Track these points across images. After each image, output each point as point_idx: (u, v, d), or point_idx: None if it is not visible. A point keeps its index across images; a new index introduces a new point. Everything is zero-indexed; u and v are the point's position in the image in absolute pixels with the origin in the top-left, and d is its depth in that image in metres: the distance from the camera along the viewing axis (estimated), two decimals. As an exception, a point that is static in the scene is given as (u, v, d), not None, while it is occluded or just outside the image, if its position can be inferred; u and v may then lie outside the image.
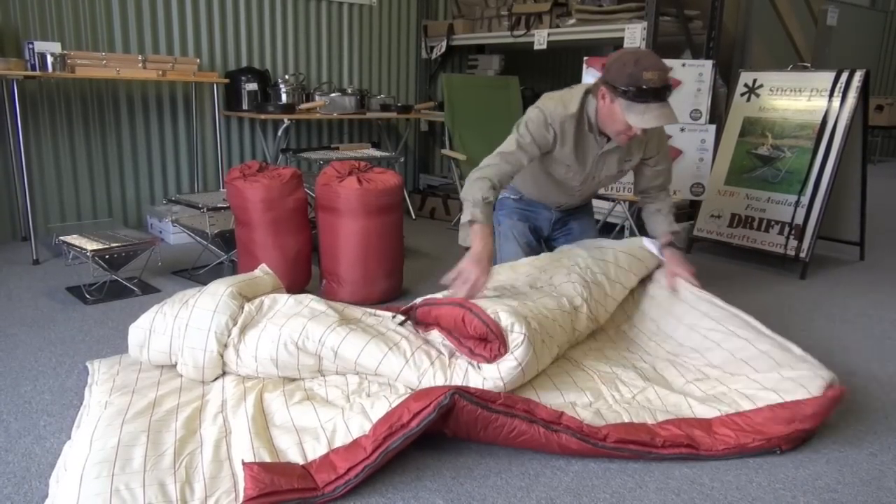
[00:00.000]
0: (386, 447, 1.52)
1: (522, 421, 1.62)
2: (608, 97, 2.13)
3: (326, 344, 1.91)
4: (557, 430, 1.63)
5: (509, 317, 1.85)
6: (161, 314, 2.00)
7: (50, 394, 1.95)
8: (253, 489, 1.41)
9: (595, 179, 2.45)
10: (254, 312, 2.04)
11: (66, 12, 3.63)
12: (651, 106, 2.04)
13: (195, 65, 3.81)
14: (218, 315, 1.96)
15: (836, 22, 5.90)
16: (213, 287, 2.06)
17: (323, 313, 2.02)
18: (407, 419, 1.55)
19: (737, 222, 3.63)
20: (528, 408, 1.66)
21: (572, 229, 2.69)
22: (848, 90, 3.35)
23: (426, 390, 1.64)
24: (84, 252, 2.73)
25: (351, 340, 1.90)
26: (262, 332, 1.95)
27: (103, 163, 3.93)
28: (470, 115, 4.30)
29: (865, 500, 1.56)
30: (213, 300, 1.99)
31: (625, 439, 1.65)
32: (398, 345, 1.91)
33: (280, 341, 1.92)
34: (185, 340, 1.94)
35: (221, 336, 1.95)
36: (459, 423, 1.61)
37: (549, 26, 4.33)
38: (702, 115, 3.50)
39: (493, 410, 1.61)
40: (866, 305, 3.01)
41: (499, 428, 1.62)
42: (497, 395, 1.66)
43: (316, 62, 4.72)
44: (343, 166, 2.79)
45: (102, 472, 1.43)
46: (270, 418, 1.74)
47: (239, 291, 2.07)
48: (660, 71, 2.03)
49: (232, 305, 2.00)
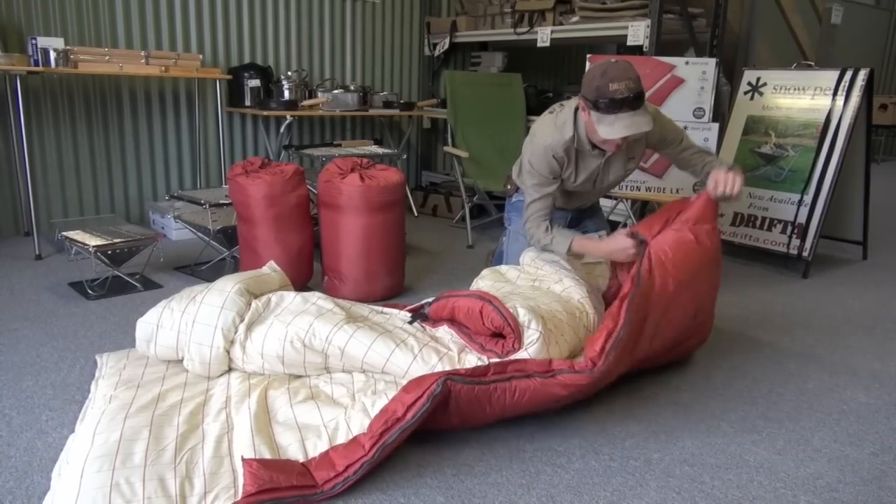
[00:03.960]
0: (382, 442, 1.52)
1: (519, 380, 1.65)
2: (586, 110, 2.15)
3: (333, 342, 1.91)
4: (553, 375, 1.68)
5: (527, 313, 1.87)
6: (168, 310, 2.00)
7: (52, 389, 1.96)
8: (252, 485, 1.42)
9: (604, 184, 2.47)
10: (261, 309, 2.04)
11: (69, 8, 3.63)
12: (620, 116, 2.04)
13: (198, 61, 3.81)
14: (225, 311, 1.97)
15: (840, 20, 5.88)
16: (220, 283, 2.07)
17: (330, 311, 2.02)
18: (402, 412, 1.56)
19: (739, 221, 3.62)
20: (518, 366, 1.70)
21: (587, 226, 2.72)
22: (852, 89, 3.35)
23: (417, 380, 1.64)
24: (86, 248, 2.74)
25: (358, 338, 1.91)
26: (269, 329, 1.95)
27: (106, 158, 3.94)
28: (472, 112, 4.30)
29: (866, 499, 1.56)
30: (220, 296, 2.00)
31: (602, 349, 1.73)
32: (406, 342, 1.91)
33: (287, 339, 1.92)
34: (191, 336, 1.95)
35: (228, 332, 1.95)
36: (462, 408, 1.62)
37: (552, 24, 4.32)
38: (705, 113, 3.49)
39: (488, 382, 1.63)
40: (869, 304, 3.00)
41: (501, 396, 1.64)
42: (486, 368, 1.68)
43: (319, 59, 4.71)
44: (345, 163, 2.79)
45: (104, 466, 1.44)
46: (274, 415, 1.74)
47: (246, 288, 2.07)
48: (627, 80, 2.02)
49: (239, 302, 2.00)
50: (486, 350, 1.87)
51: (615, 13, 3.93)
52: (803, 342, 2.53)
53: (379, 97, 4.72)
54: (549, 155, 2.26)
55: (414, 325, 2.05)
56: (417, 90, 5.29)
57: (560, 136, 2.25)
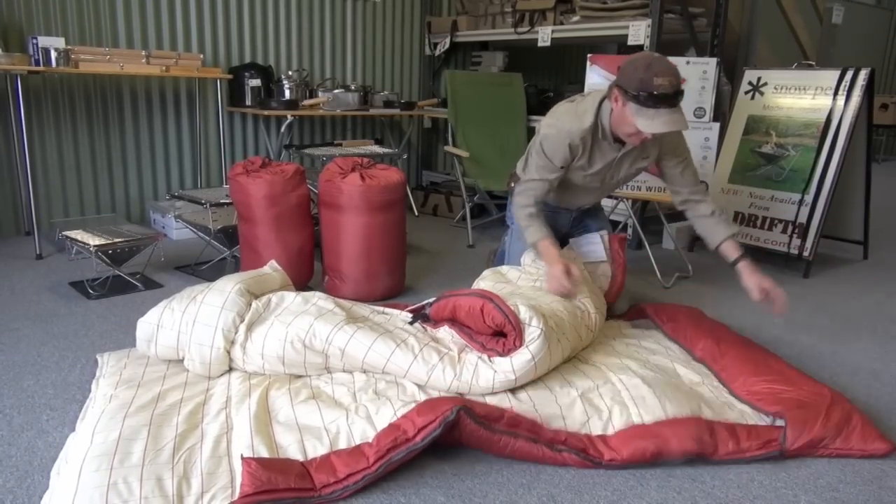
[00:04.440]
0: (388, 459, 1.52)
1: (526, 441, 1.62)
2: (620, 100, 2.15)
3: (334, 343, 1.91)
4: (561, 451, 1.63)
5: (528, 311, 1.86)
6: (169, 309, 2.00)
7: (53, 388, 1.96)
8: (249, 486, 1.41)
9: (613, 180, 2.47)
10: (261, 310, 2.04)
11: (69, 7, 3.63)
12: (661, 111, 2.05)
13: (199, 60, 3.81)
14: (225, 312, 1.97)
15: (841, 20, 5.88)
16: (221, 283, 2.07)
17: (330, 311, 2.02)
18: (412, 434, 1.55)
19: (740, 220, 3.62)
20: (531, 427, 1.65)
21: (589, 226, 2.73)
22: (853, 88, 3.34)
23: (431, 403, 1.63)
24: (87, 247, 2.74)
25: (358, 339, 1.90)
26: (270, 329, 1.95)
27: (106, 158, 3.94)
28: (473, 112, 4.30)
29: (867, 499, 1.56)
30: (220, 297, 2.00)
31: (629, 459, 1.63)
32: (406, 342, 1.91)
33: (287, 339, 1.92)
34: (192, 336, 1.95)
35: (228, 333, 1.95)
36: (463, 437, 1.61)
37: (553, 23, 4.32)
38: (706, 112, 3.49)
39: (496, 431, 1.60)
40: (869, 304, 3.00)
41: (503, 446, 1.61)
42: (501, 413, 1.64)
43: (319, 58, 4.71)
44: (346, 163, 2.79)
45: (102, 465, 1.44)
46: (275, 415, 1.73)
47: (247, 288, 2.07)
48: (671, 77, 2.04)
49: (239, 302, 2.00)
50: (486, 349, 1.86)
51: (616, 13, 3.93)
52: (804, 342, 2.53)
53: (379, 97, 4.72)
54: (564, 141, 2.27)
55: (415, 326, 2.05)
56: (418, 90, 5.29)
57: (579, 124, 2.26)
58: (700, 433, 1.67)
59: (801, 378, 1.97)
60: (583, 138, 2.28)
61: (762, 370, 2.00)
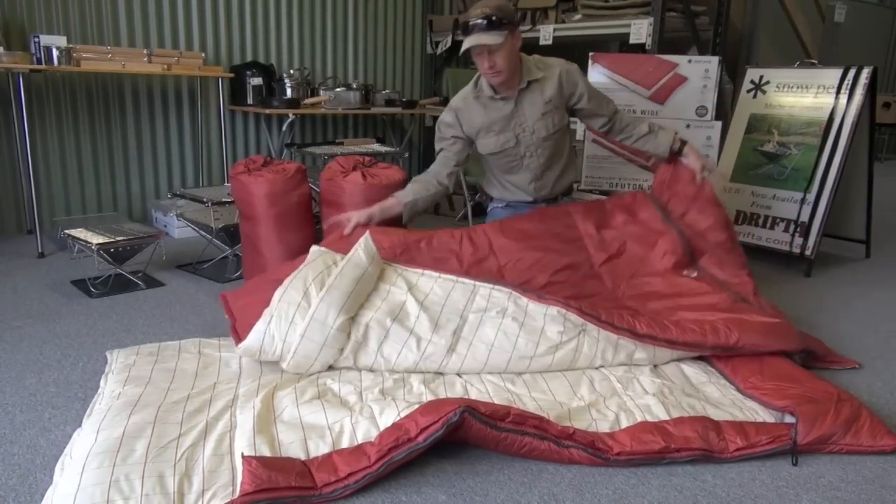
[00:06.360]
0: (390, 458, 1.51)
1: (532, 438, 1.61)
2: None
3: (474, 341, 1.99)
4: (568, 446, 1.63)
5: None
6: (269, 336, 1.94)
7: (55, 386, 1.96)
8: (250, 484, 1.41)
9: (533, 136, 2.56)
10: (360, 339, 1.99)
11: (71, 6, 3.63)
12: (474, 35, 2.32)
13: (200, 59, 3.82)
14: (326, 349, 1.95)
15: (843, 18, 5.87)
16: (321, 313, 1.94)
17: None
18: (414, 433, 1.54)
19: (742, 219, 3.62)
20: (538, 424, 1.64)
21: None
22: (855, 87, 3.34)
23: (435, 403, 1.62)
24: (89, 245, 2.74)
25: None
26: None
27: (108, 157, 3.94)
28: (475, 110, 4.29)
29: (869, 498, 1.56)
30: (322, 333, 1.94)
31: (637, 452, 1.63)
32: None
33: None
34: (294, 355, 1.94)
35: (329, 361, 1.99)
36: (469, 436, 1.61)
37: (554, 21, 4.32)
38: (707, 111, 3.49)
39: (502, 429, 1.59)
40: (871, 303, 2.99)
41: (509, 444, 1.61)
42: (507, 411, 1.63)
43: (321, 57, 4.71)
44: (347, 161, 2.79)
45: (104, 462, 1.44)
46: (279, 414, 1.73)
47: (348, 316, 1.98)
48: (481, 9, 2.31)
49: (341, 339, 1.96)
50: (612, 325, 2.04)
51: (618, 11, 3.93)
52: (806, 341, 2.53)
53: (381, 95, 4.72)
54: (451, 111, 2.57)
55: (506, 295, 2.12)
56: (420, 88, 5.29)
57: (461, 93, 2.58)
58: (706, 431, 1.68)
59: (808, 377, 1.97)
60: (464, 99, 2.55)
61: (769, 368, 2.01)
